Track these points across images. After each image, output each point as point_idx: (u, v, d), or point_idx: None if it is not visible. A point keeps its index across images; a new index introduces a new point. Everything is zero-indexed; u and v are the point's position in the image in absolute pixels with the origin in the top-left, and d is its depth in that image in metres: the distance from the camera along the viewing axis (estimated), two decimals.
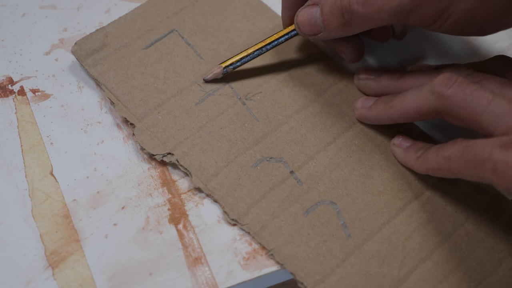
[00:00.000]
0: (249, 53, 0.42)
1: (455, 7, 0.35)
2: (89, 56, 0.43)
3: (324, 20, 0.38)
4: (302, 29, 0.40)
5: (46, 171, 0.40)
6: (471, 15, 0.35)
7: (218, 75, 0.42)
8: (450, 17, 0.36)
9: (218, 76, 0.42)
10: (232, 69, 0.42)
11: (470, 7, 0.35)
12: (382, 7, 0.36)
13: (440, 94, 0.34)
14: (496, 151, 0.31)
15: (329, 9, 0.38)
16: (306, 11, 0.39)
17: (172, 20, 0.46)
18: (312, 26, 0.39)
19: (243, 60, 0.42)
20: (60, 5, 0.48)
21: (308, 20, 0.39)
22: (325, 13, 0.38)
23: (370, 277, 0.36)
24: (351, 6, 0.37)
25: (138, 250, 0.37)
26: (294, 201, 0.38)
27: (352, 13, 0.37)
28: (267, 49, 0.42)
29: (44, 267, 0.36)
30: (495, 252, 0.37)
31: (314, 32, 0.39)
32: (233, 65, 0.42)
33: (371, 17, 0.37)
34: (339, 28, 0.38)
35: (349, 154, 0.40)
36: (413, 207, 0.38)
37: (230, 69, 0.42)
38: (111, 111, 0.43)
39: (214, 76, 0.42)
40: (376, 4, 0.36)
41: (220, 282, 0.36)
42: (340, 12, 0.37)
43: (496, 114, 0.32)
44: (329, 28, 0.39)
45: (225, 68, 0.42)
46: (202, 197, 0.39)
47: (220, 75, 0.42)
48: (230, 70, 0.42)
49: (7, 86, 0.43)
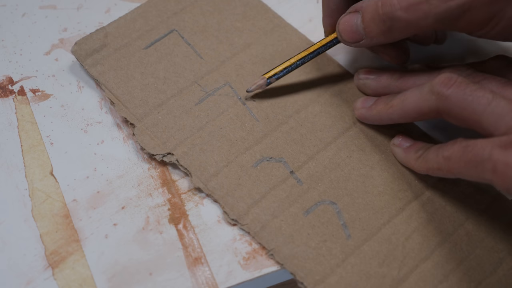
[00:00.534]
0: (292, 63, 0.41)
1: (505, 13, 0.34)
2: (89, 56, 0.43)
3: (366, 28, 0.38)
4: (343, 36, 0.39)
5: (46, 171, 0.40)
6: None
7: (262, 86, 0.41)
8: (500, 23, 0.35)
9: (262, 87, 0.41)
10: (276, 79, 0.41)
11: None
12: (429, 12, 0.35)
13: (440, 94, 0.34)
14: (496, 151, 0.31)
15: (370, 16, 0.37)
16: (347, 19, 0.39)
17: (172, 20, 0.46)
18: (354, 34, 0.38)
19: (286, 69, 0.41)
20: (60, 5, 0.48)
21: (350, 28, 0.38)
22: (366, 20, 0.37)
23: (370, 277, 0.36)
24: (393, 12, 0.36)
25: (138, 250, 0.37)
26: (294, 201, 0.38)
27: (394, 20, 0.36)
28: (310, 58, 0.41)
29: (44, 267, 0.36)
30: (495, 252, 0.37)
31: (356, 39, 0.39)
32: (276, 75, 0.41)
33: (416, 23, 0.35)
34: (380, 35, 0.37)
35: (349, 154, 0.40)
36: (413, 207, 0.38)
37: (273, 80, 0.41)
38: (111, 111, 0.43)
39: (258, 87, 0.41)
40: (422, 9, 0.35)
41: (220, 282, 0.36)
42: (381, 19, 0.36)
43: (496, 114, 0.32)
44: (370, 36, 0.38)
45: (268, 79, 0.41)
46: (202, 197, 0.39)
47: (264, 86, 0.41)
48: (274, 80, 0.41)
49: (7, 86, 0.43)
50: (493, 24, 0.35)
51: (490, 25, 0.35)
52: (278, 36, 0.46)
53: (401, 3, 0.35)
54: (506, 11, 0.34)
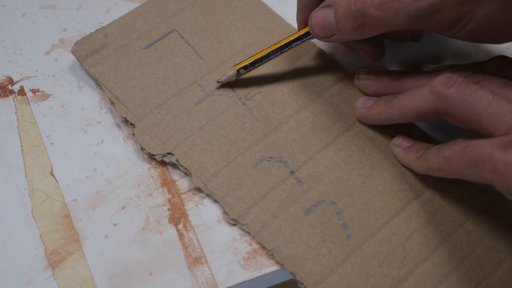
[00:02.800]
0: (263, 55, 0.42)
1: (475, 13, 0.34)
2: (89, 56, 0.43)
3: (337, 23, 0.38)
4: (315, 31, 0.39)
5: (46, 171, 0.40)
6: (490, 21, 0.35)
7: (232, 77, 0.42)
8: (469, 23, 0.35)
9: (232, 78, 0.42)
10: (245, 72, 0.42)
11: (490, 13, 0.34)
12: (400, 11, 0.35)
13: (440, 95, 0.34)
14: (496, 151, 0.31)
15: (342, 12, 0.37)
16: (320, 13, 0.39)
17: (172, 20, 0.46)
18: (326, 29, 0.39)
19: (257, 62, 0.42)
20: (60, 5, 0.48)
21: (322, 23, 0.39)
22: (338, 16, 0.37)
23: (370, 277, 0.36)
24: (365, 9, 0.36)
25: (138, 250, 0.37)
26: (294, 201, 0.38)
27: (366, 17, 0.36)
28: (282, 52, 0.42)
29: (44, 267, 0.36)
30: (495, 252, 0.37)
31: (327, 34, 0.39)
32: (246, 67, 0.42)
33: (387, 21, 0.36)
34: (352, 32, 0.37)
35: (349, 154, 0.40)
36: (413, 207, 0.38)
37: (243, 71, 0.42)
38: (111, 111, 0.43)
39: (228, 78, 0.42)
40: (393, 8, 0.35)
41: (220, 282, 0.36)
42: (353, 15, 0.37)
43: (496, 114, 0.32)
44: (342, 31, 0.38)
45: (238, 70, 0.42)
46: (202, 197, 0.39)
47: (234, 77, 0.42)
48: (244, 72, 0.42)
49: (7, 86, 0.43)
50: (463, 25, 0.35)
51: (460, 25, 0.35)
52: (278, 36, 0.46)
53: (373, 0, 0.35)
54: (476, 12, 0.34)
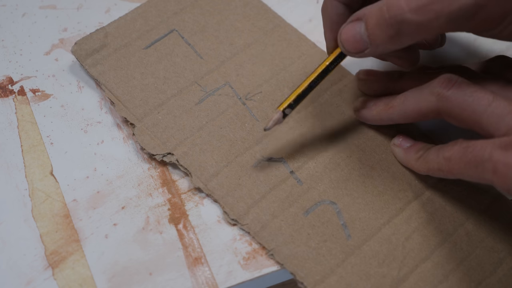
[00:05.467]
0: (304, 88, 0.38)
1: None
2: (89, 56, 0.43)
3: (370, 35, 0.35)
4: (346, 47, 0.36)
5: (46, 171, 0.40)
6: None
7: (279, 121, 0.37)
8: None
9: (280, 121, 0.37)
10: (291, 110, 0.38)
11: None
12: (441, 12, 0.32)
13: (440, 95, 0.34)
14: (497, 152, 0.31)
15: (375, 21, 0.34)
16: (349, 28, 0.36)
17: (172, 20, 0.46)
18: (357, 43, 0.35)
19: (300, 97, 0.38)
20: (60, 5, 0.48)
21: (353, 37, 0.35)
22: (371, 27, 0.34)
23: (370, 277, 0.36)
24: (402, 15, 0.33)
25: (138, 250, 0.37)
26: (294, 201, 0.38)
27: (403, 23, 0.33)
28: (321, 79, 0.38)
29: (44, 267, 0.36)
30: (495, 252, 0.37)
31: (359, 49, 0.36)
32: (292, 106, 0.38)
33: (427, 25, 0.33)
34: (387, 42, 0.34)
35: (349, 154, 0.40)
36: (413, 207, 0.38)
37: (289, 111, 0.38)
38: (111, 111, 0.43)
39: (275, 122, 0.37)
40: (434, 9, 0.32)
41: (220, 282, 0.36)
42: (388, 23, 0.34)
43: (497, 114, 0.32)
44: (375, 43, 0.35)
45: (283, 110, 0.37)
46: (202, 197, 0.39)
47: (282, 120, 0.38)
48: (289, 111, 0.38)
49: (7, 86, 0.43)
50: (508, 22, 0.33)
51: (505, 23, 0.33)
52: (278, 36, 0.46)
53: (410, 4, 0.33)
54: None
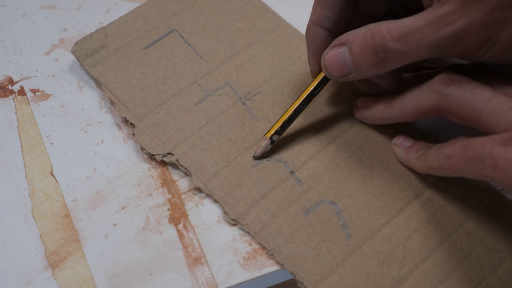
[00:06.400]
0: (290, 115, 0.39)
1: (499, 36, 0.33)
2: (89, 56, 0.43)
3: (355, 61, 0.36)
4: (330, 72, 0.37)
5: (46, 171, 0.40)
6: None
7: (267, 147, 0.39)
8: (494, 46, 0.33)
9: (267, 148, 0.39)
10: (278, 137, 0.40)
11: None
12: (422, 41, 0.33)
13: (440, 92, 0.34)
14: (497, 148, 0.31)
15: (359, 48, 0.35)
16: (333, 53, 0.37)
17: (172, 20, 0.46)
18: (342, 68, 0.37)
19: (286, 123, 0.39)
20: (60, 5, 0.48)
21: (337, 62, 0.37)
22: (355, 53, 0.36)
23: (370, 277, 0.36)
24: (385, 44, 0.34)
25: (138, 250, 0.37)
26: (294, 201, 0.38)
27: (387, 52, 0.34)
28: (305, 106, 0.40)
29: (44, 267, 0.36)
30: (495, 252, 0.37)
31: (343, 73, 0.37)
32: (279, 132, 0.39)
33: (409, 53, 0.34)
34: (372, 67, 0.36)
35: (349, 154, 0.40)
36: (413, 207, 0.38)
37: (276, 137, 0.39)
38: (111, 111, 0.43)
39: (263, 149, 0.39)
40: (415, 39, 0.33)
41: (220, 282, 0.36)
42: (372, 51, 0.35)
43: (497, 111, 0.32)
44: (360, 69, 0.36)
45: (271, 137, 0.39)
46: (202, 197, 0.39)
47: (269, 146, 0.40)
48: (277, 138, 0.39)
49: (7, 86, 0.43)
50: (488, 48, 0.34)
51: (485, 49, 0.34)
52: (278, 36, 0.46)
53: (391, 34, 0.34)
54: (501, 34, 0.33)
